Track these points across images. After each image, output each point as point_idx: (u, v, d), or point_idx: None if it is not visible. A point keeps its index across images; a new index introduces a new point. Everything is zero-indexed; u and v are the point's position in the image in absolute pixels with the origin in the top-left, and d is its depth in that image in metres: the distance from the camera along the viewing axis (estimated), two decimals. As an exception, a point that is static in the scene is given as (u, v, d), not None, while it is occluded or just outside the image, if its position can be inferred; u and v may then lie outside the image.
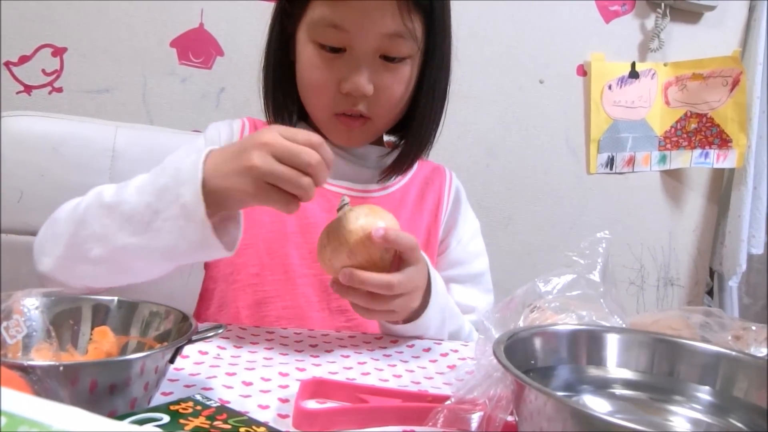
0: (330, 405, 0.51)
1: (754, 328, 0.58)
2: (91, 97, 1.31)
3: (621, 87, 1.66)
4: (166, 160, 0.68)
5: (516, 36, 1.58)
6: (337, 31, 0.75)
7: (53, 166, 0.96)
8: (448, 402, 0.47)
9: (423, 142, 0.86)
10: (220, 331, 0.51)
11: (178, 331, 0.51)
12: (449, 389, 0.52)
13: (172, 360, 0.48)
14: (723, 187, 1.79)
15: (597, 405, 0.49)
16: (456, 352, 0.71)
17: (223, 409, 0.44)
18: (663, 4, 1.62)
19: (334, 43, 0.76)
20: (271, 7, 0.84)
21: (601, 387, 0.51)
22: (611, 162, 1.69)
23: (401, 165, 0.87)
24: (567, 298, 0.56)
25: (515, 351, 0.45)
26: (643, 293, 1.76)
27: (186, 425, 0.40)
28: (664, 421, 0.49)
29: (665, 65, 1.68)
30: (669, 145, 1.71)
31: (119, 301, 0.54)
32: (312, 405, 0.51)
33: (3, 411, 0.26)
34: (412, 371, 0.63)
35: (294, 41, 0.81)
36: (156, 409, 0.42)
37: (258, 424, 0.42)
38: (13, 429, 0.25)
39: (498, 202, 1.62)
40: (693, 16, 1.69)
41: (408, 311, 0.70)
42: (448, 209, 0.91)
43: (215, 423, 0.41)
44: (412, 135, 0.85)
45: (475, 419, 0.45)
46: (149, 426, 0.39)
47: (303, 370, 0.60)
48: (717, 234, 1.80)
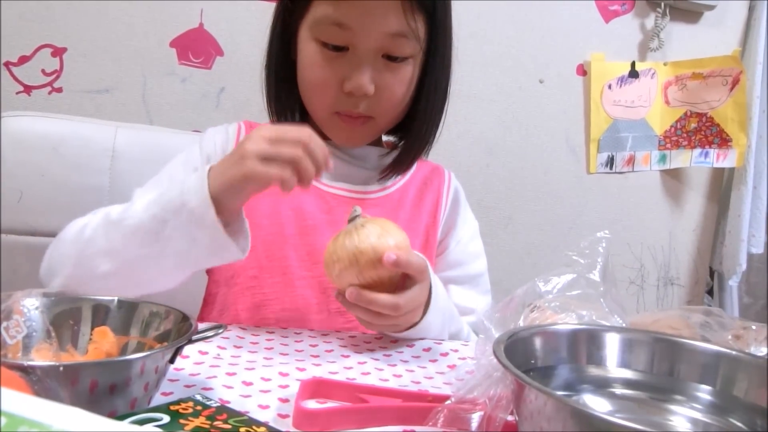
0: (330, 405, 0.51)
1: (754, 327, 0.58)
2: (91, 97, 1.31)
3: (621, 86, 1.66)
4: (164, 175, 0.69)
5: (516, 36, 1.58)
6: (340, 30, 0.75)
7: (53, 166, 0.96)
8: (448, 402, 0.47)
9: (423, 142, 0.86)
10: (220, 331, 0.52)
11: (178, 332, 0.51)
12: (449, 389, 0.52)
13: (172, 360, 0.48)
14: (723, 187, 1.79)
15: (597, 405, 0.49)
16: (456, 351, 0.71)
17: (223, 409, 0.44)
18: (663, 3, 1.62)
19: (336, 42, 0.76)
20: (272, 7, 0.84)
21: (601, 386, 0.51)
22: (611, 161, 1.69)
23: (401, 165, 0.86)
24: (567, 297, 0.56)
25: (515, 351, 0.45)
26: (643, 293, 1.76)
27: (186, 425, 0.40)
28: (664, 421, 0.48)
29: (665, 65, 1.68)
30: (669, 145, 1.71)
31: (119, 302, 0.54)
32: (312, 405, 0.51)
33: (3, 411, 0.26)
34: (412, 371, 0.64)
35: (296, 40, 0.81)
36: (156, 409, 0.42)
37: (258, 424, 0.42)
38: (13, 429, 0.25)
39: (498, 202, 1.62)
40: (693, 15, 1.69)
41: (410, 324, 0.70)
42: (446, 210, 0.91)
43: (215, 423, 0.41)
44: (412, 135, 0.85)
45: (475, 419, 0.45)
46: (149, 426, 0.39)
47: (303, 370, 0.60)
48: (717, 233, 1.80)
